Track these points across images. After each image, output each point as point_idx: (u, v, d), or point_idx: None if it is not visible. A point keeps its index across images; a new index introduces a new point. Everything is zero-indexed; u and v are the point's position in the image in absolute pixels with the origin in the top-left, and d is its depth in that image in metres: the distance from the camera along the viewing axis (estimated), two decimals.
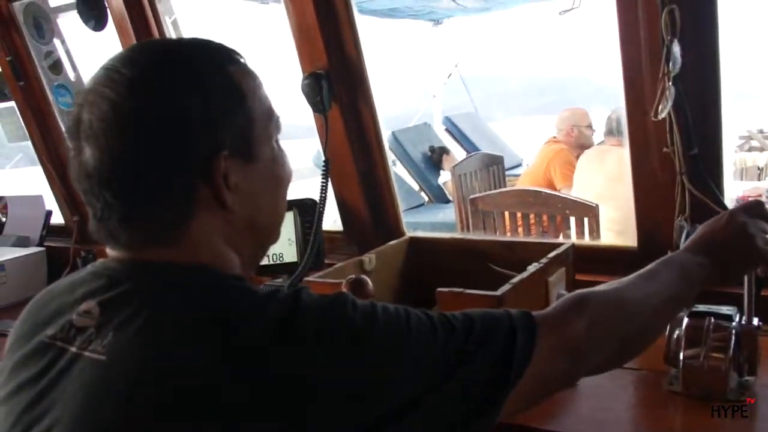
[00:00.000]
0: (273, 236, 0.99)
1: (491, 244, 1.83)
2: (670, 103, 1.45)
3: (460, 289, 1.34)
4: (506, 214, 3.78)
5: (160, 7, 2.35)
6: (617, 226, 3.74)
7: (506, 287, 1.34)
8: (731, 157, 6.30)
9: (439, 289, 1.35)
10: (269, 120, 0.92)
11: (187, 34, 2.60)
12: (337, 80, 1.96)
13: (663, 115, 1.46)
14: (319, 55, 1.93)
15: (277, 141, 0.94)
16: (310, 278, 1.54)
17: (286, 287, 1.79)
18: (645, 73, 1.53)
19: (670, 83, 1.44)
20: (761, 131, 6.98)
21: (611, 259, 1.82)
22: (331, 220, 2.28)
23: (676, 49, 1.42)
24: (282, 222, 0.99)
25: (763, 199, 4.28)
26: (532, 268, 1.46)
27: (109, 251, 0.88)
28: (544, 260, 1.51)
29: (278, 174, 0.94)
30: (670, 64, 1.42)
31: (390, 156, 6.40)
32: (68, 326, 0.84)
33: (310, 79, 1.94)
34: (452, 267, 1.76)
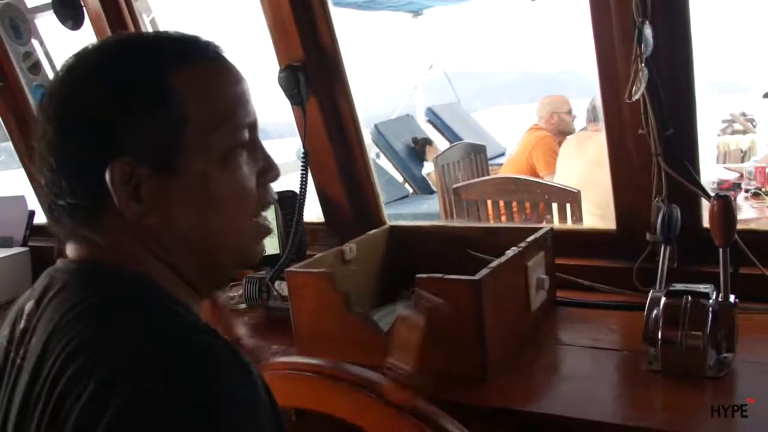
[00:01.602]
0: (218, 259, 0.89)
1: (471, 230, 1.84)
2: (643, 85, 1.46)
3: (440, 275, 1.34)
4: (489, 202, 3.79)
5: (137, 5, 2.34)
6: (599, 211, 3.77)
7: (484, 271, 1.35)
8: (714, 140, 6.34)
9: (419, 275, 1.36)
10: (214, 130, 0.83)
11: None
12: (314, 72, 1.96)
13: (637, 96, 1.47)
14: (295, 47, 1.93)
15: (228, 155, 0.84)
16: (291, 269, 1.54)
17: (268, 278, 1.81)
18: (618, 56, 1.53)
19: (643, 65, 1.45)
20: (743, 114, 7.01)
21: (590, 243, 1.84)
22: (313, 213, 2.29)
23: (648, 30, 1.43)
24: (233, 245, 0.88)
25: (743, 180, 4.31)
26: (511, 252, 1.47)
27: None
28: (522, 244, 1.51)
29: (213, 192, 0.84)
30: (642, 46, 1.43)
31: (373, 148, 6.44)
32: (12, 328, 0.85)
33: (287, 72, 1.93)
34: (433, 254, 1.76)
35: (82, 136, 0.80)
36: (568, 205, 3.42)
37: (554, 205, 3.50)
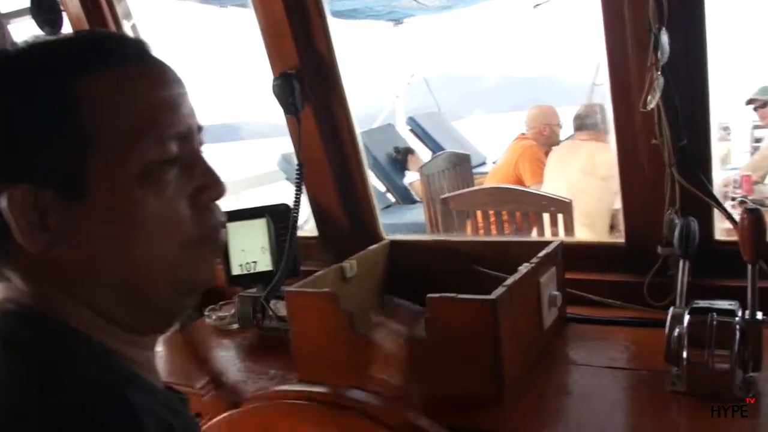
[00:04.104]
0: (150, 294, 0.77)
1: (476, 245, 1.77)
2: (658, 94, 1.40)
3: (453, 294, 1.28)
4: (479, 212, 3.74)
5: (119, 10, 2.26)
6: (589, 221, 3.75)
7: (500, 290, 1.28)
8: None
9: (430, 295, 1.29)
10: (131, 144, 0.72)
11: (146, 38, 2.51)
12: (309, 80, 1.89)
13: (652, 105, 1.41)
14: (290, 53, 1.86)
15: (151, 173, 0.73)
16: (291, 288, 1.47)
17: (262, 297, 1.74)
18: (631, 64, 1.48)
19: (659, 73, 1.40)
20: (718, 123, 7.00)
21: (599, 256, 1.78)
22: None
23: (665, 37, 1.37)
24: (167, 277, 0.76)
25: (729, 189, 4.30)
26: (524, 268, 1.40)
27: None
28: (535, 260, 1.45)
29: (133, 217, 0.73)
30: (659, 53, 1.38)
31: None
32: None
33: (281, 80, 1.86)
34: (435, 270, 1.70)
35: None
36: (560, 216, 3.38)
37: (546, 216, 3.46)
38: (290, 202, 1.87)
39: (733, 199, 4.08)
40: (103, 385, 0.70)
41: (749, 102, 5.45)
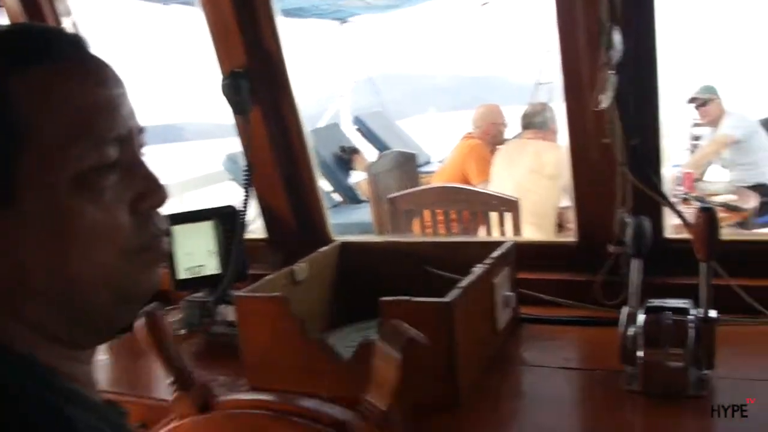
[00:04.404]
0: (89, 306, 0.72)
1: (427, 245, 1.75)
2: (611, 93, 1.40)
3: (406, 297, 1.25)
4: (426, 212, 3.73)
5: (59, 6, 2.18)
6: (536, 220, 3.77)
7: (455, 292, 1.26)
8: None
9: (383, 298, 1.26)
10: (64, 148, 0.67)
11: (85, 35, 2.43)
12: (258, 79, 1.85)
13: (605, 104, 1.41)
14: (238, 52, 1.81)
15: (86, 179, 0.68)
16: (240, 293, 1.42)
17: (210, 302, 1.69)
18: (584, 63, 1.47)
19: (611, 72, 1.39)
20: None
21: (550, 255, 1.77)
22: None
23: (617, 36, 1.37)
24: (106, 287, 0.72)
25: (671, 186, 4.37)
26: (478, 269, 1.39)
27: None
28: (489, 260, 1.43)
29: (67, 226, 0.68)
30: (612, 52, 1.37)
31: None
32: None
33: (231, 79, 1.81)
34: (387, 272, 1.67)
35: None
36: (508, 214, 3.39)
37: (493, 215, 3.46)
38: (236, 203, 1.83)
39: (676, 196, 4.16)
40: (42, 404, 0.65)
41: (691, 101, 5.55)
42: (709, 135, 5.72)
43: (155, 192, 0.74)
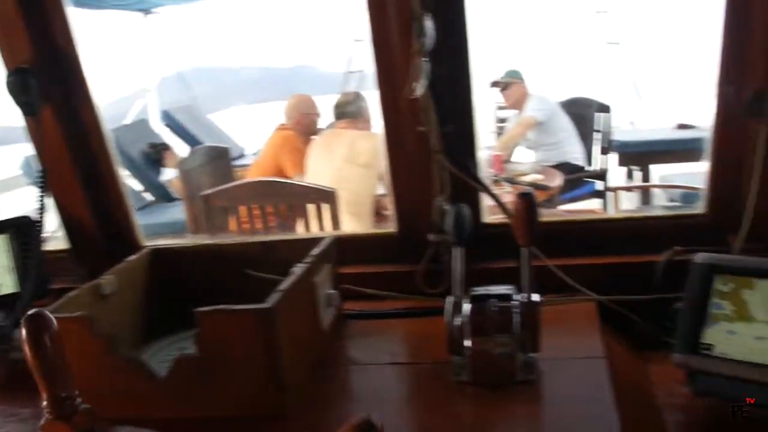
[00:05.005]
0: None
1: (244, 246, 1.66)
2: (424, 80, 1.37)
3: (224, 306, 1.16)
4: (242, 208, 3.63)
5: None
6: (354, 209, 3.77)
7: (275, 297, 1.18)
8: None
9: (199, 309, 1.16)
10: None
11: None
12: (48, 76, 1.68)
13: (418, 92, 1.38)
14: (23, 47, 1.63)
15: None
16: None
17: (8, 325, 1.53)
18: (396, 51, 1.44)
19: (424, 59, 1.37)
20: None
21: (370, 248, 1.74)
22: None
23: (429, 23, 1.34)
24: None
25: None
26: (299, 269, 1.32)
27: None
28: (309, 259, 1.37)
29: None
30: (424, 40, 1.34)
31: None
32: None
33: (15, 77, 1.63)
34: (204, 278, 1.57)
35: None
36: (325, 206, 3.35)
37: (311, 207, 3.41)
38: (33, 212, 1.66)
39: (487, 179, 4.28)
40: None
41: (494, 84, 5.74)
42: (514, 118, 5.95)
43: None
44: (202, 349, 1.17)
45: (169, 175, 6.08)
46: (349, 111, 4.17)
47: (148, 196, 6.23)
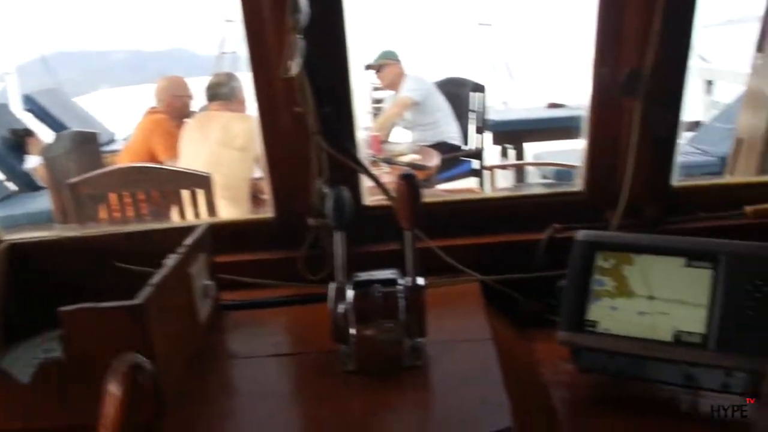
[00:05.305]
0: None
1: (115, 237, 1.55)
2: (299, 59, 1.31)
3: (91, 304, 1.07)
4: (113, 195, 3.46)
5: None
6: (229, 193, 3.69)
7: (147, 291, 1.10)
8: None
9: (62, 308, 1.07)
10: None
11: None
12: None
13: (294, 71, 1.32)
14: None
15: None
16: None
17: None
18: (269, 28, 1.38)
19: (299, 36, 1.31)
20: None
21: (247, 234, 1.67)
22: None
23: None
24: None
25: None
26: (172, 260, 1.24)
27: None
28: (182, 249, 1.29)
29: None
30: (298, 16, 1.28)
31: None
32: None
33: None
34: (72, 273, 1.46)
35: None
36: (200, 191, 3.24)
37: (185, 192, 3.29)
38: None
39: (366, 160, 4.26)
40: None
41: (368, 67, 5.73)
42: (390, 98, 5.96)
43: None
44: (68, 352, 1.08)
45: (33, 162, 5.78)
46: (221, 92, 4.05)
47: (12, 186, 5.91)
